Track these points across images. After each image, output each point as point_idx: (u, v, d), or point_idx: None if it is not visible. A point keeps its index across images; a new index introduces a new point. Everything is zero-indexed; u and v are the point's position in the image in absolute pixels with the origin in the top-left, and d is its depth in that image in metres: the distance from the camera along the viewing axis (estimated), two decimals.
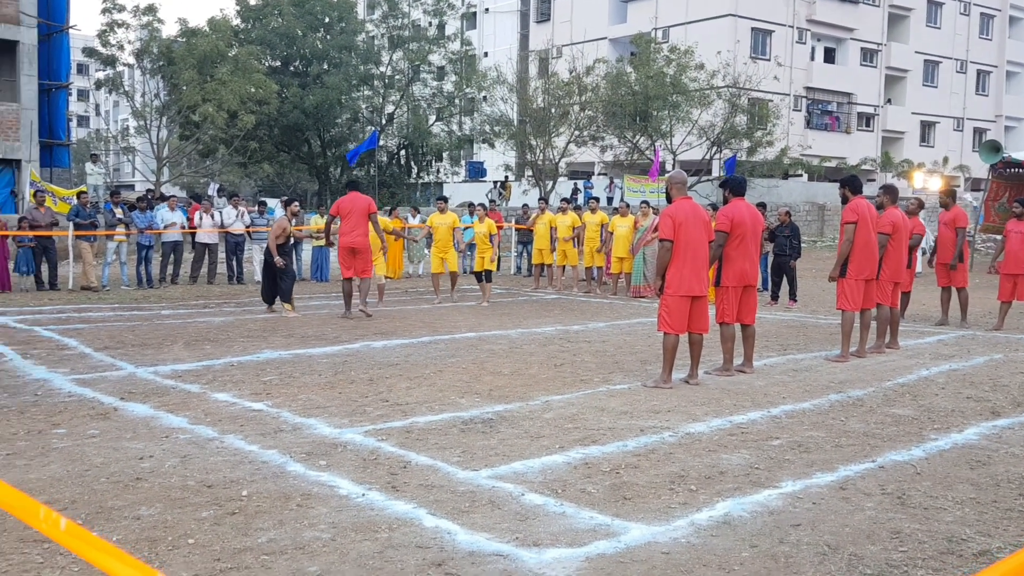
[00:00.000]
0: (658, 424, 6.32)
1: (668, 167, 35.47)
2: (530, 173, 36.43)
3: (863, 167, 43.70)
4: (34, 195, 16.94)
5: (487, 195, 34.25)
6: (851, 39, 48.60)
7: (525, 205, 23.24)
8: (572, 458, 5.40)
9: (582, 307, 14.46)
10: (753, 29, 43.89)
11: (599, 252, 16.74)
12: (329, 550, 3.90)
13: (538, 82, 37.04)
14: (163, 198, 19.46)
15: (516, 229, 21.43)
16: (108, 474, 4.96)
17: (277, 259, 12.39)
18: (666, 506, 4.57)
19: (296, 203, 14.27)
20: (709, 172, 36.20)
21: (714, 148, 34.95)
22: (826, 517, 4.42)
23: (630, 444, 5.75)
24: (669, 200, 7.95)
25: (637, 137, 34.95)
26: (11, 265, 15.54)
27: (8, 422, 6.13)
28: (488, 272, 14.50)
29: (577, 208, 18.19)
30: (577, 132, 34.18)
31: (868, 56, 49.79)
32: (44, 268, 15.81)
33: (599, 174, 40.98)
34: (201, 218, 17.60)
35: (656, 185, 28.19)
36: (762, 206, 17.19)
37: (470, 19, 51.81)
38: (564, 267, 17.69)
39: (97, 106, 55.11)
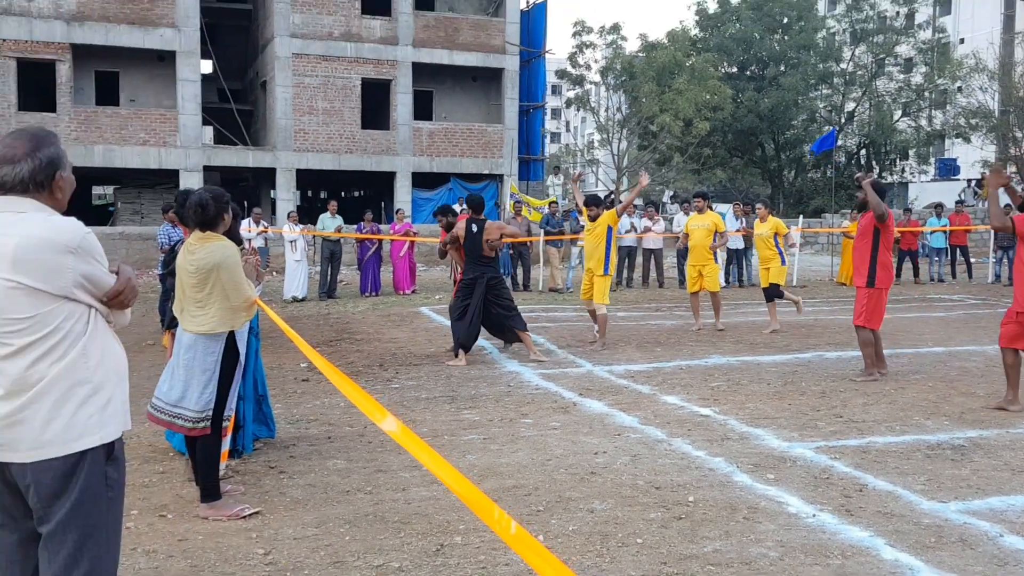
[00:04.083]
0: None
1: None
2: (1013, 169, 32.15)
3: None
4: (513, 205, 18.94)
5: (959, 195, 30.90)
6: None
7: (1007, 206, 20.51)
8: None
9: None
10: None
11: None
12: (777, 570, 3.76)
13: None
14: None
15: (994, 232, 19.04)
16: (567, 465, 5.31)
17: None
18: None
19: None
20: None
21: None
22: None
23: None
24: None
25: None
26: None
27: (486, 409, 6.88)
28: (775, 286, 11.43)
29: None
30: None
31: None
32: (519, 271, 17.58)
33: None
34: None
35: None
36: None
37: (944, 5, 47.19)
38: None
39: (567, 123, 60.16)
